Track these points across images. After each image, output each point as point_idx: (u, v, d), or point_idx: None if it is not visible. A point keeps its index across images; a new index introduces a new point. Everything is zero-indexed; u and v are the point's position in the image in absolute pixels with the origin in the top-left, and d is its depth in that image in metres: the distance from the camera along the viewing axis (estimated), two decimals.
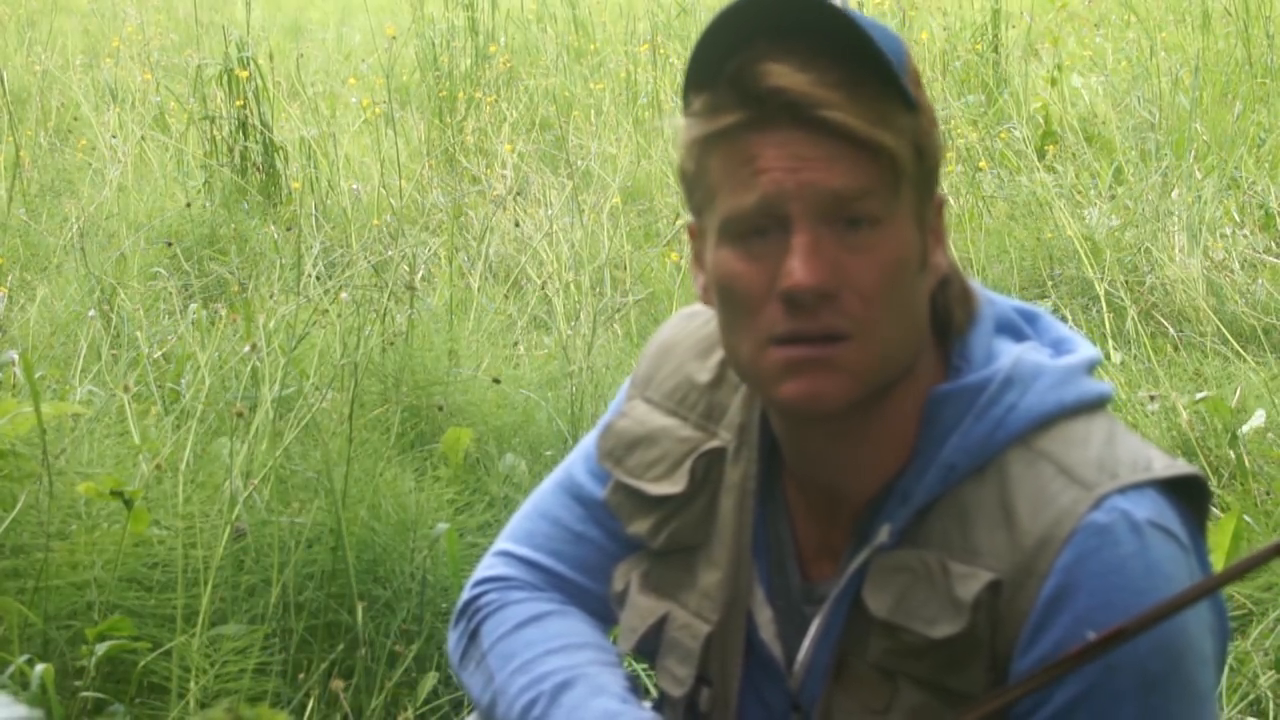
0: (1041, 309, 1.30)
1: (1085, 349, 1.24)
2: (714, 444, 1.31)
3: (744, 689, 1.29)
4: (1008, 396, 1.18)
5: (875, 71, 1.12)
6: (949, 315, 1.22)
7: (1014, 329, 1.26)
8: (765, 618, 1.27)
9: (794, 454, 1.26)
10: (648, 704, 1.34)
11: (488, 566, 1.44)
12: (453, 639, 1.44)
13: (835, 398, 1.15)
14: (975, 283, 1.26)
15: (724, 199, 1.15)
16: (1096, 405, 1.21)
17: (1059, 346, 1.25)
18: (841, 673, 1.21)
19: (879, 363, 1.15)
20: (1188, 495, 1.18)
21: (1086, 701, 1.12)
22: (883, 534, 1.19)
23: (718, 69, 1.13)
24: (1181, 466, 1.17)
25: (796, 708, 1.26)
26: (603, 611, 1.39)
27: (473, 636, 1.40)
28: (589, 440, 1.41)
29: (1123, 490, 1.13)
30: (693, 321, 1.37)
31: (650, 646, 1.33)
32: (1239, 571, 1.05)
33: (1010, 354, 1.20)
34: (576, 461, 1.42)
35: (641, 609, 1.33)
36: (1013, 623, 1.14)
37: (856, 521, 1.23)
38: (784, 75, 1.10)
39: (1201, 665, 1.14)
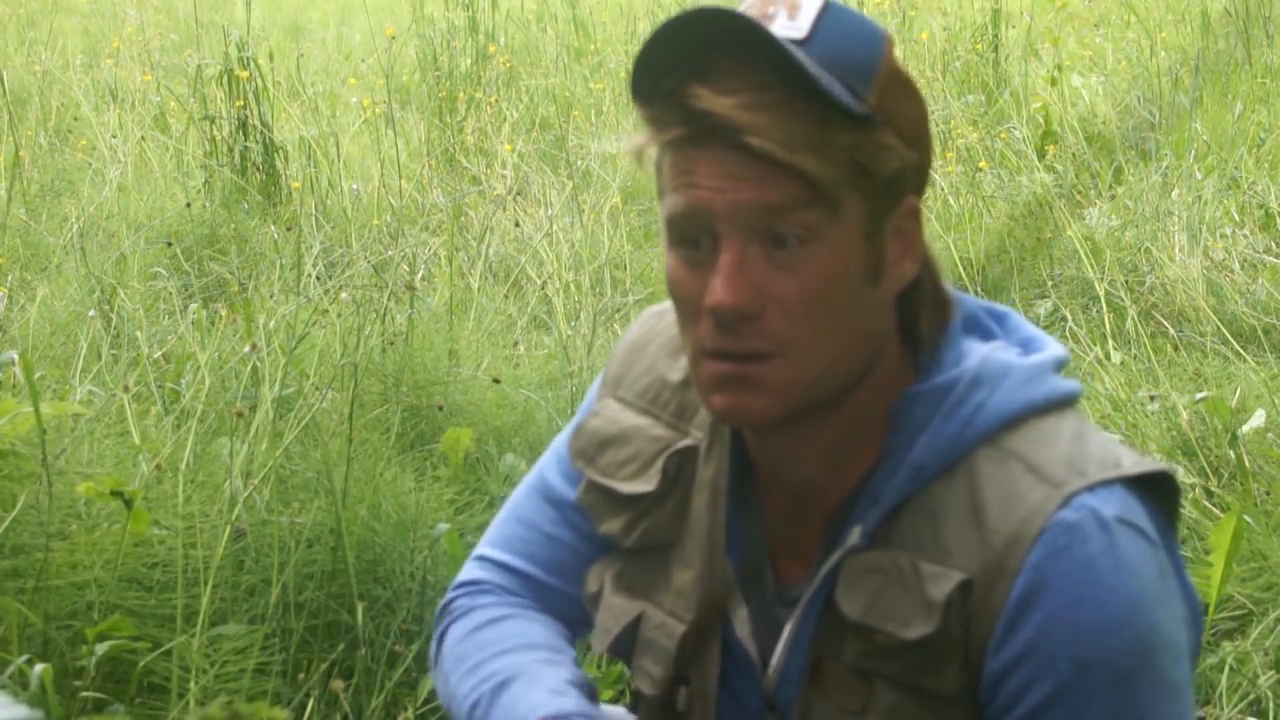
0: (1009, 309, 1.30)
1: (1054, 347, 1.24)
2: (686, 442, 1.31)
3: (718, 687, 1.29)
4: (976, 396, 1.18)
5: (809, 89, 1.10)
6: (915, 321, 1.22)
7: (982, 328, 1.26)
8: (740, 616, 1.27)
9: (759, 455, 1.27)
10: (622, 707, 1.35)
11: (465, 571, 1.46)
12: (431, 644, 1.45)
13: (760, 414, 1.16)
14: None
15: (667, 200, 1.16)
16: (1065, 403, 1.21)
17: (1028, 345, 1.25)
18: (818, 675, 1.22)
19: (810, 379, 1.16)
20: (1159, 493, 1.18)
21: (1059, 699, 1.13)
22: (854, 535, 1.19)
23: (655, 85, 1.14)
24: (1151, 464, 1.18)
25: (771, 707, 1.26)
26: (578, 614, 1.40)
27: (440, 640, 1.42)
28: (560, 441, 1.42)
29: (1091, 488, 1.14)
30: (663, 320, 1.38)
31: (625, 647, 1.33)
32: None
33: (978, 353, 1.21)
34: (549, 463, 1.43)
35: (616, 609, 1.34)
36: (985, 622, 1.14)
37: (827, 523, 1.23)
38: (709, 99, 1.10)
39: (1176, 660, 1.15)
